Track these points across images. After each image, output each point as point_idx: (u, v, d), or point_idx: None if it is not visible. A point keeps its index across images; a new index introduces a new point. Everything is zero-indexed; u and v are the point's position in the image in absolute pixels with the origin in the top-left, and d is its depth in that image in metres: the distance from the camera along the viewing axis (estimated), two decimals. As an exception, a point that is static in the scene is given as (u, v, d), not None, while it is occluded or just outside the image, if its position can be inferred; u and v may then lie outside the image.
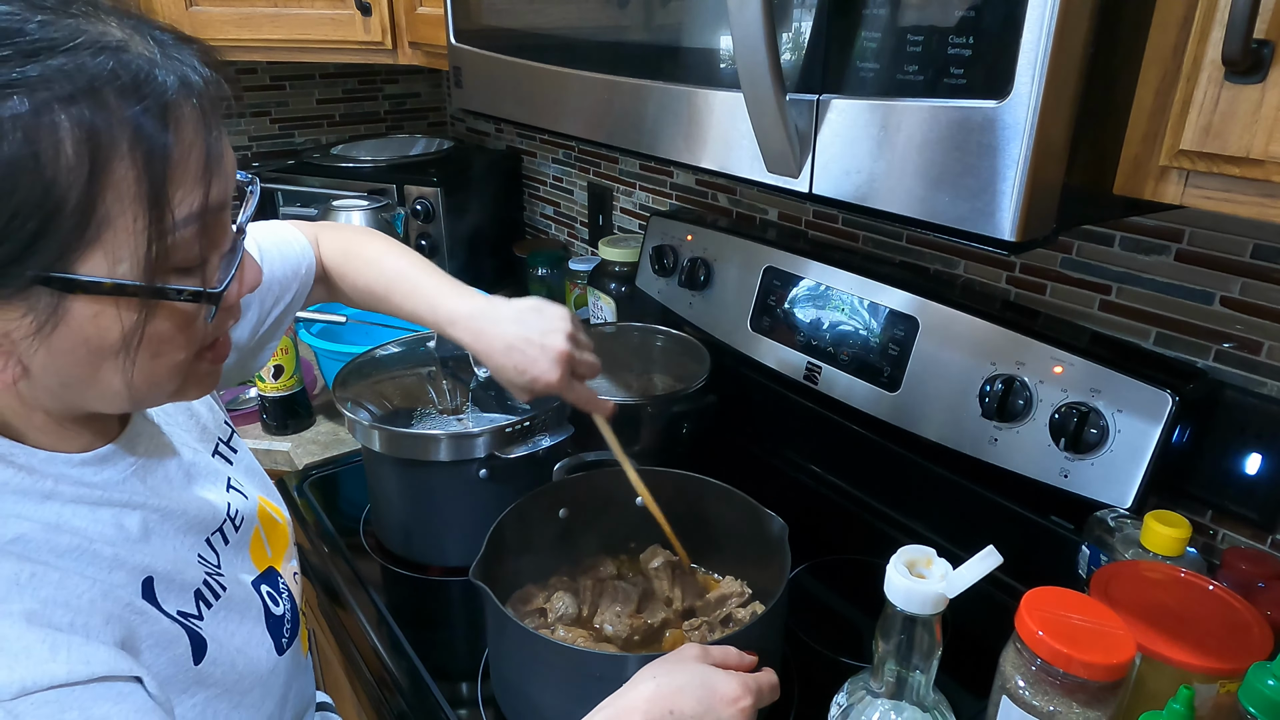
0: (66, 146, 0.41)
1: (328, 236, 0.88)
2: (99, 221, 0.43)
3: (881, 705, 0.57)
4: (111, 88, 0.42)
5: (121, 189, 0.43)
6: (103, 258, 0.44)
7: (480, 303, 0.81)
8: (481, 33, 0.97)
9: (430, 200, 1.66)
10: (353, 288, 0.87)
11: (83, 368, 0.48)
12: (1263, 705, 0.51)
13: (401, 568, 1.01)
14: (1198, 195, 0.50)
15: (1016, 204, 0.50)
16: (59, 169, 0.41)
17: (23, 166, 0.40)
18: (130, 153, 0.43)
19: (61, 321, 0.45)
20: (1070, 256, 0.92)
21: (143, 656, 0.52)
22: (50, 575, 0.48)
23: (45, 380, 0.48)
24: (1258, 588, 0.73)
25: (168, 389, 0.53)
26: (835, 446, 1.13)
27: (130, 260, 0.45)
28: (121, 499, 0.56)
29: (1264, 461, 0.78)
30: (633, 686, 0.61)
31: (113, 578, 0.52)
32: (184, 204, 0.46)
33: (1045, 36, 0.46)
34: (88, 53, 0.42)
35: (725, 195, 1.34)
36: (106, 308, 0.46)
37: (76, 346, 0.47)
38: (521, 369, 0.78)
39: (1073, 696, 0.56)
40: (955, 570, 0.53)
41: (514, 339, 0.78)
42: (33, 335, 0.45)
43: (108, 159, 0.42)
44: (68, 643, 0.47)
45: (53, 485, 0.52)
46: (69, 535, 0.51)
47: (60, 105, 0.41)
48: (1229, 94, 0.46)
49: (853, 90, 0.57)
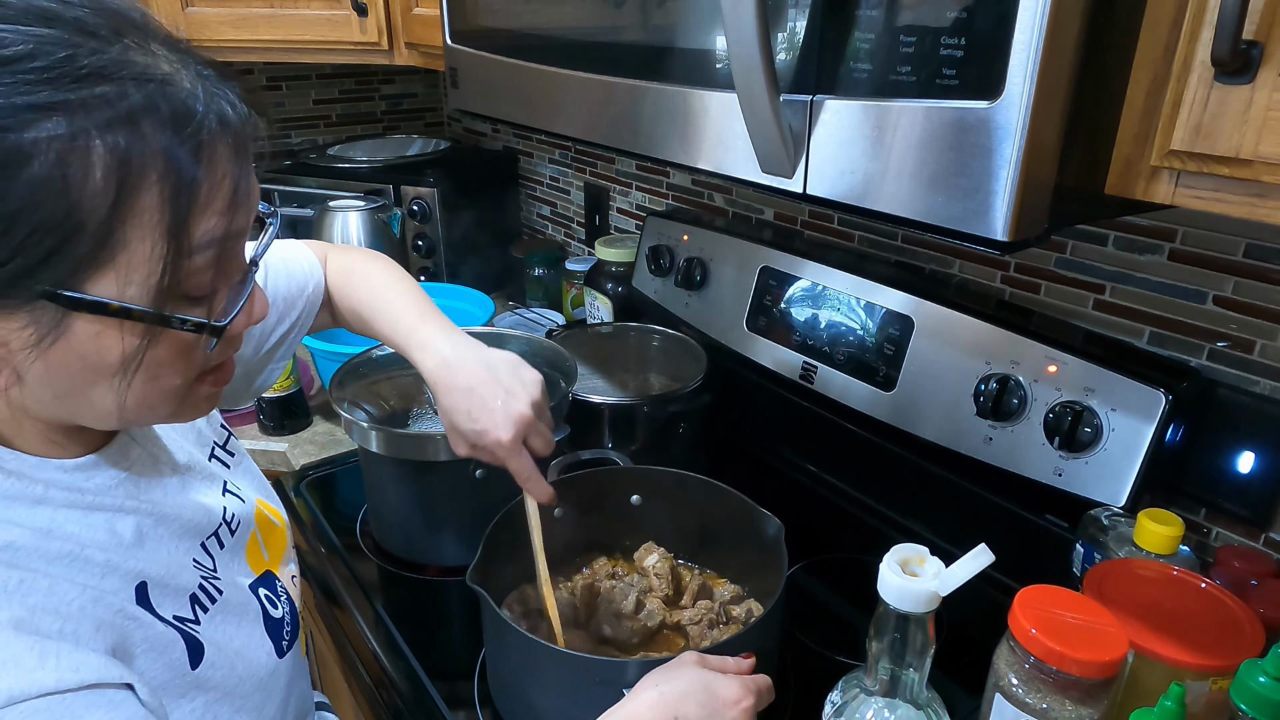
0: (96, 172, 0.42)
1: (336, 257, 0.87)
2: (115, 245, 0.44)
3: (875, 703, 0.57)
4: (150, 119, 0.43)
5: (144, 218, 0.44)
6: (114, 279, 0.45)
7: (456, 340, 0.78)
8: (477, 33, 0.97)
9: (427, 200, 1.66)
10: (346, 309, 0.85)
11: (77, 383, 0.48)
12: (1254, 701, 0.52)
13: (398, 568, 1.01)
14: (1188, 195, 0.51)
15: (1009, 204, 0.50)
16: (85, 193, 0.42)
17: (50, 186, 0.41)
18: (159, 184, 0.44)
19: (62, 337, 0.45)
20: (1064, 256, 0.92)
21: (137, 662, 0.52)
22: (39, 582, 0.48)
23: (38, 391, 0.48)
24: (1251, 585, 0.74)
25: (161, 412, 0.53)
26: (831, 446, 1.13)
27: (140, 285, 0.45)
28: (114, 504, 0.55)
29: (1257, 460, 0.78)
30: (636, 695, 0.62)
31: (105, 584, 0.52)
32: (203, 237, 0.47)
33: (1036, 37, 0.46)
34: (133, 83, 0.43)
35: (721, 195, 1.34)
36: (109, 328, 0.46)
37: (73, 362, 0.47)
38: (475, 416, 0.74)
39: (1065, 694, 0.56)
40: (948, 568, 0.53)
41: (478, 383, 0.75)
42: (31, 347, 0.45)
43: (135, 188, 0.43)
44: (57, 650, 0.46)
45: (44, 490, 0.52)
46: (60, 541, 0.51)
47: (97, 131, 0.42)
48: (1218, 94, 0.46)
49: (846, 91, 0.57)
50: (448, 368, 0.76)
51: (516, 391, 0.75)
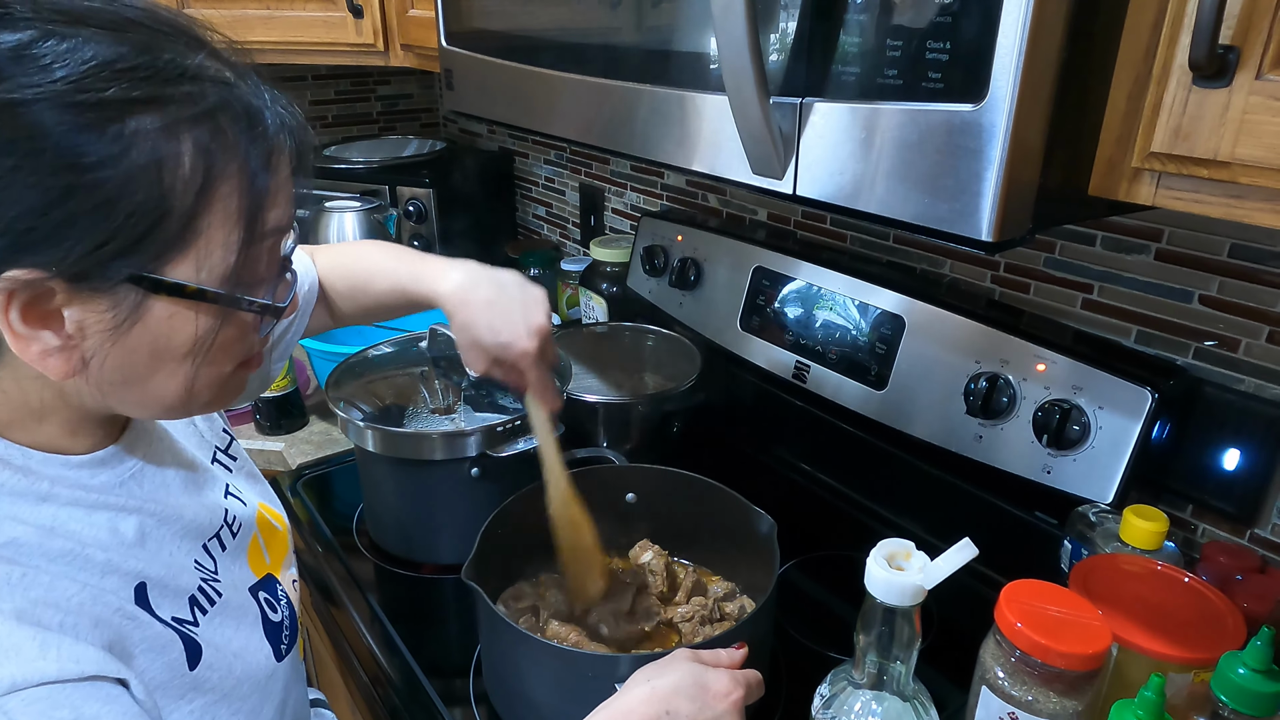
0: (185, 162, 0.46)
1: (324, 253, 0.89)
2: (196, 231, 0.47)
3: (863, 695, 0.58)
4: (227, 116, 0.48)
5: (222, 205, 0.48)
6: (192, 264, 0.48)
7: (465, 265, 0.81)
8: (472, 35, 0.98)
9: (423, 201, 1.66)
10: (346, 290, 0.87)
11: (143, 368, 0.50)
12: (1233, 693, 0.53)
13: (394, 566, 1.02)
14: (1169, 196, 0.52)
15: (993, 205, 0.51)
16: (176, 180, 0.46)
17: (146, 174, 0.45)
18: (237, 175, 0.48)
19: (140, 321, 0.48)
20: (1053, 256, 0.93)
21: (135, 661, 0.52)
22: (41, 578, 0.49)
23: (101, 376, 0.49)
24: (1236, 580, 0.75)
25: (203, 398, 0.55)
26: (823, 444, 1.14)
27: (214, 270, 0.49)
28: (118, 502, 0.56)
29: (1242, 457, 0.79)
30: (628, 690, 0.62)
31: (104, 583, 0.52)
32: (270, 225, 0.51)
33: (1020, 41, 0.47)
34: (211, 85, 0.48)
35: (715, 196, 1.35)
36: (183, 310, 0.49)
37: (143, 346, 0.49)
38: (497, 329, 0.77)
39: (1050, 686, 0.57)
40: (933, 562, 0.54)
41: (496, 297, 0.78)
42: (109, 330, 0.47)
43: (218, 177, 0.47)
44: (58, 642, 0.47)
45: (49, 487, 0.52)
46: (62, 539, 0.51)
47: (187, 125, 0.46)
48: (1197, 98, 0.47)
49: (835, 93, 0.58)
50: (463, 288, 0.79)
51: (531, 305, 0.78)
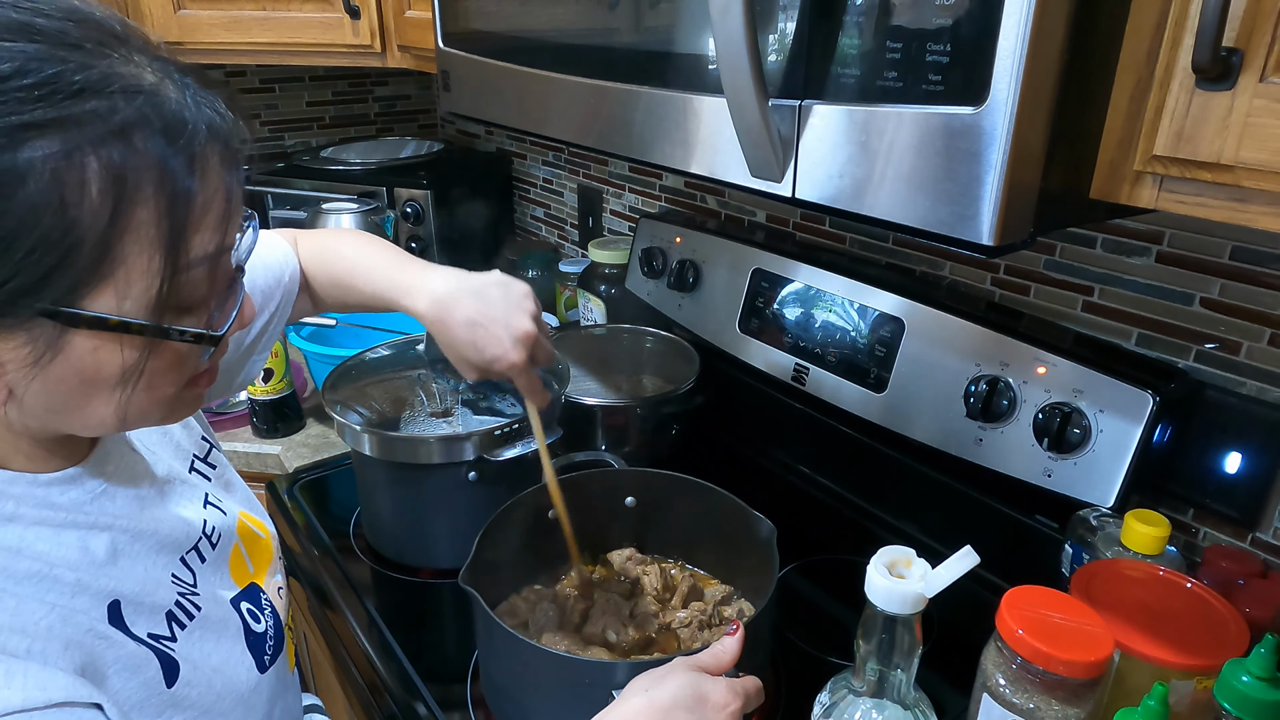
0: (92, 188, 0.42)
1: (306, 239, 0.87)
2: (113, 260, 0.43)
3: (863, 704, 0.57)
4: (142, 132, 0.43)
5: (141, 232, 0.44)
6: (112, 294, 0.44)
7: (443, 275, 0.79)
8: (470, 36, 0.98)
9: (420, 203, 1.66)
10: (326, 284, 0.85)
11: (74, 398, 0.48)
12: (1237, 701, 0.52)
13: (391, 570, 1.01)
14: (1171, 199, 0.51)
15: (994, 208, 0.51)
16: (82, 210, 0.42)
17: (47, 205, 0.41)
18: (155, 196, 0.44)
19: (60, 354, 0.45)
20: (1054, 258, 0.93)
21: (109, 682, 0.51)
22: (6, 601, 0.47)
23: (31, 405, 0.48)
24: (1238, 585, 0.74)
25: (153, 417, 0.53)
26: (823, 447, 1.14)
27: (138, 299, 0.45)
28: (88, 520, 0.54)
29: (1244, 460, 0.79)
30: (624, 700, 0.61)
31: (75, 603, 0.51)
32: (200, 248, 0.47)
33: (1021, 43, 0.47)
34: (122, 96, 0.43)
35: (714, 198, 1.35)
36: (108, 343, 0.46)
37: (70, 377, 0.46)
38: (481, 347, 0.76)
39: (1052, 694, 0.57)
40: (934, 570, 0.53)
41: (477, 314, 0.76)
42: (29, 365, 0.45)
43: (131, 202, 0.43)
44: (24, 669, 0.45)
45: (14, 507, 0.51)
46: (29, 560, 0.50)
47: (91, 147, 0.41)
48: (1200, 100, 0.47)
49: (834, 96, 0.58)
50: (442, 306, 0.77)
51: (514, 312, 0.77)
